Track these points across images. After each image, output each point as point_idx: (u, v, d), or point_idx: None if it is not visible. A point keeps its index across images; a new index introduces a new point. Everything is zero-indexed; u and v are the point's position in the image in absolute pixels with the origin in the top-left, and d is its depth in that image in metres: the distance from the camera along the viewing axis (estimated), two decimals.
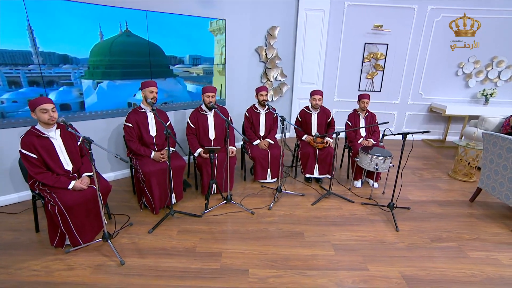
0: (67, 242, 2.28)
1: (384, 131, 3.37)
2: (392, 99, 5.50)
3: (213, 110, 3.12)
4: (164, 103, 3.72)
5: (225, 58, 4.10)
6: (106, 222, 2.53)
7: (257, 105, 3.51)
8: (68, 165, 2.36)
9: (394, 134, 3.04)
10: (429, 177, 4.02)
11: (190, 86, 3.91)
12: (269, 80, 4.79)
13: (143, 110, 2.82)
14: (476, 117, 5.02)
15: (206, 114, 3.17)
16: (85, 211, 2.28)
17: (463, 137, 5.11)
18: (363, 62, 5.26)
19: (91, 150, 2.04)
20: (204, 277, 2.04)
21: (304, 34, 4.90)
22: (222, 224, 2.70)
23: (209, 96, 3.03)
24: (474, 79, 5.32)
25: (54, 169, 2.27)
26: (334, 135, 3.07)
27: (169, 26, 3.49)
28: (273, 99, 4.97)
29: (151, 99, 2.70)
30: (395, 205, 2.95)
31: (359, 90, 5.41)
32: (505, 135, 2.80)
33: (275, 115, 3.62)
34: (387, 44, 5.14)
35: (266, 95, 3.37)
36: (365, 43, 5.14)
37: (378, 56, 5.20)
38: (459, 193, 3.55)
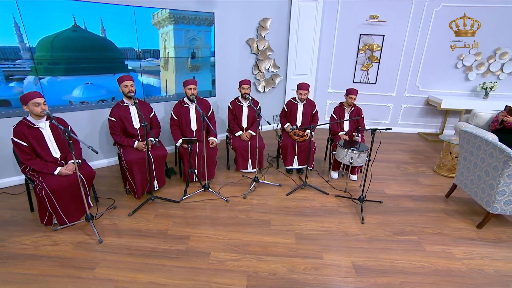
0: (55, 221, 2.57)
1: (359, 126, 3.43)
2: (387, 91, 5.44)
3: (195, 102, 3.28)
4: (100, 100, 3.55)
5: (193, 52, 4.03)
6: (92, 205, 2.82)
7: (240, 98, 3.64)
8: (56, 153, 2.61)
9: (366, 130, 3.10)
10: (413, 171, 4.06)
11: (150, 80, 3.83)
12: (261, 72, 4.86)
13: (125, 104, 3.02)
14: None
15: (188, 107, 3.33)
16: (70, 194, 2.54)
17: (455, 132, 5.03)
18: (358, 53, 5.20)
19: (70, 140, 2.26)
20: (169, 256, 2.27)
21: (297, 25, 4.89)
22: (197, 210, 2.92)
23: (190, 88, 3.18)
24: (474, 71, 5.16)
25: (43, 156, 2.53)
26: (311, 130, 3.18)
27: (122, 19, 3.43)
28: (265, 90, 5.05)
29: (127, 92, 2.88)
30: (365, 199, 3.05)
31: (353, 82, 5.39)
32: (477, 134, 2.81)
33: (257, 107, 3.75)
34: (383, 35, 5.04)
35: (248, 88, 3.47)
36: (360, 34, 5.07)
37: (374, 47, 5.13)
38: (438, 188, 3.59)
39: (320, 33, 4.97)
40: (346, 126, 3.78)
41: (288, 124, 3.77)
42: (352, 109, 3.74)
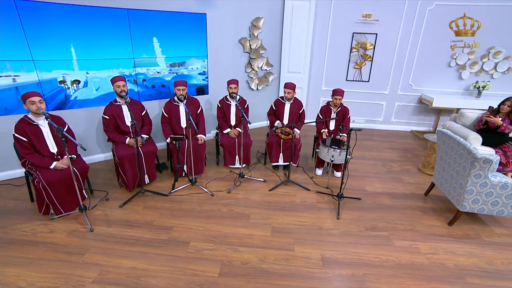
0: (52, 211, 2.81)
1: (341, 126, 3.55)
2: (380, 89, 5.50)
3: (184, 101, 3.45)
4: None
5: None
6: (86, 197, 3.05)
7: (228, 97, 3.79)
8: (53, 148, 2.84)
9: (341, 129, 3.21)
10: (398, 169, 4.16)
11: None
12: (254, 70, 4.99)
13: (118, 103, 3.22)
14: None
15: (178, 105, 3.51)
16: (65, 186, 2.77)
17: None
18: (351, 52, 5.26)
19: (63, 138, 2.47)
20: (151, 245, 2.49)
21: (290, 24, 4.98)
22: (183, 203, 3.13)
23: (179, 89, 3.36)
24: (468, 70, 5.16)
25: (41, 151, 2.77)
26: (297, 128, 3.32)
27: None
28: (258, 88, 5.19)
29: (120, 92, 3.08)
30: (343, 195, 3.19)
31: (346, 80, 5.46)
32: (451, 135, 2.90)
33: (245, 105, 3.91)
34: (376, 34, 5.09)
35: (236, 88, 3.62)
36: (353, 33, 5.12)
37: (367, 46, 5.18)
38: (419, 186, 3.70)
39: (313, 31, 5.05)
40: (332, 125, 3.90)
41: (278, 121, 3.92)
42: (339, 109, 3.85)
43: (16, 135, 2.65)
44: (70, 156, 2.81)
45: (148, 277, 2.17)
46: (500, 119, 3.74)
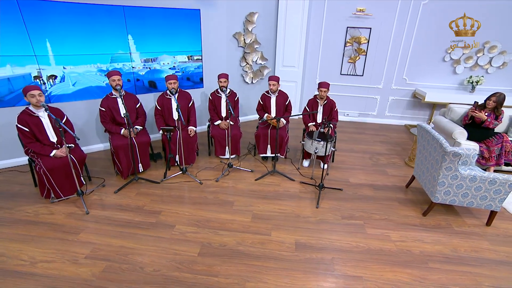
0: (52, 195, 3.07)
1: (324, 119, 3.68)
2: (374, 83, 5.56)
3: (176, 94, 3.64)
4: None
5: None
6: (84, 183, 3.31)
7: (219, 90, 3.96)
8: (53, 138, 3.09)
9: (328, 123, 3.33)
10: (384, 162, 4.28)
11: None
12: (248, 64, 5.12)
13: (114, 96, 3.43)
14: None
15: (170, 98, 3.70)
16: (64, 173, 3.02)
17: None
18: (345, 46, 5.32)
19: (61, 129, 2.70)
20: (140, 227, 2.72)
21: (284, 18, 5.06)
22: (172, 190, 3.35)
23: (171, 83, 3.54)
24: (462, 65, 5.16)
25: (42, 140, 3.01)
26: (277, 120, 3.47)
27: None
28: (253, 81, 5.32)
29: (115, 86, 3.28)
30: (324, 186, 3.36)
31: (341, 74, 5.54)
32: (428, 129, 3.01)
33: (235, 98, 4.08)
34: (370, 28, 5.12)
35: (225, 81, 3.78)
36: (347, 27, 5.17)
37: (361, 40, 5.22)
38: (402, 179, 3.82)
39: (307, 26, 5.12)
40: (319, 118, 4.03)
41: (266, 114, 4.07)
42: (325, 101, 3.97)
43: (19, 125, 2.90)
44: (68, 145, 3.05)
45: (135, 254, 2.41)
46: (486, 114, 3.80)
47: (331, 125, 3.77)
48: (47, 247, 2.45)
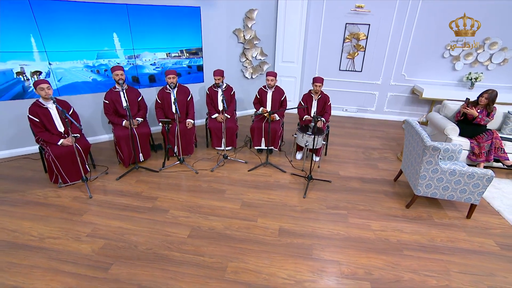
0: (60, 180, 3.35)
1: (314, 114, 3.81)
2: (373, 79, 5.61)
3: (175, 89, 3.84)
4: None
5: None
6: (89, 170, 3.58)
7: (215, 85, 4.15)
8: (60, 128, 3.36)
9: (316, 118, 3.47)
10: (377, 156, 4.38)
11: None
12: (248, 59, 5.28)
13: (117, 90, 3.67)
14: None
15: (170, 92, 3.92)
16: (70, 160, 3.30)
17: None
18: (344, 42, 5.39)
19: (66, 119, 2.95)
20: (137, 211, 2.97)
21: (284, 15, 5.17)
22: (170, 178, 3.58)
23: (170, 78, 3.74)
24: (462, 61, 5.15)
25: (50, 130, 3.29)
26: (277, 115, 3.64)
27: None
28: (253, 76, 5.47)
29: (118, 80, 3.51)
30: (312, 177, 3.51)
31: (339, 70, 5.62)
32: (413, 124, 3.11)
33: (231, 93, 4.26)
34: (369, 25, 5.17)
35: (219, 79, 3.96)
36: (346, 23, 5.23)
37: (360, 36, 5.28)
38: (391, 173, 3.92)
39: (306, 22, 5.22)
40: (313, 112, 4.16)
41: (262, 108, 4.24)
42: (320, 96, 4.10)
43: (30, 116, 3.17)
44: (73, 134, 3.32)
45: (130, 234, 2.65)
46: (478, 111, 3.84)
47: (322, 119, 3.93)
48: (54, 226, 2.72)
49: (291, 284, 2.22)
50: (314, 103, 4.12)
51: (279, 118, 4.13)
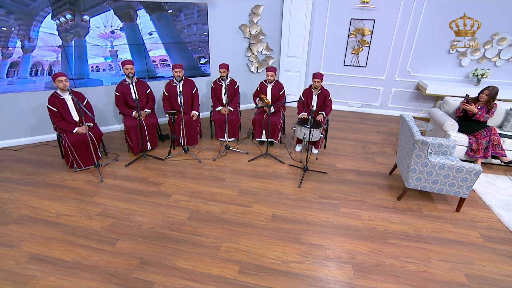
0: (75, 165, 3.67)
1: (311, 107, 3.93)
2: (378, 74, 5.64)
3: (181, 82, 4.07)
4: None
5: None
6: (101, 156, 3.88)
7: (220, 78, 4.34)
8: (76, 117, 3.66)
9: (312, 112, 3.59)
10: (376, 151, 4.47)
11: None
12: (254, 54, 5.43)
13: (127, 82, 3.93)
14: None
15: (176, 85, 4.14)
16: (84, 147, 3.60)
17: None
18: (348, 37, 5.43)
19: (81, 109, 3.24)
20: (143, 194, 3.24)
21: (290, 10, 5.27)
22: (175, 166, 3.83)
23: (177, 71, 3.97)
24: (468, 57, 5.10)
25: (67, 119, 3.59)
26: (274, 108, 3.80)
27: None
28: (258, 70, 5.63)
29: (128, 74, 3.76)
30: (308, 169, 3.67)
31: (344, 65, 5.68)
32: (406, 119, 3.20)
33: (235, 86, 4.45)
34: (374, 20, 5.19)
35: (224, 72, 4.15)
36: (351, 19, 5.27)
37: (365, 32, 5.31)
38: (387, 167, 4.02)
39: (311, 17, 5.30)
40: (314, 107, 4.29)
41: (262, 95, 4.41)
42: (320, 91, 4.22)
43: (49, 106, 3.48)
44: (87, 123, 3.61)
45: (136, 215, 2.92)
46: (479, 107, 3.86)
47: (323, 113, 4.06)
48: (69, 205, 3.03)
49: (278, 264, 2.41)
50: (314, 98, 4.25)
51: (272, 111, 4.26)
